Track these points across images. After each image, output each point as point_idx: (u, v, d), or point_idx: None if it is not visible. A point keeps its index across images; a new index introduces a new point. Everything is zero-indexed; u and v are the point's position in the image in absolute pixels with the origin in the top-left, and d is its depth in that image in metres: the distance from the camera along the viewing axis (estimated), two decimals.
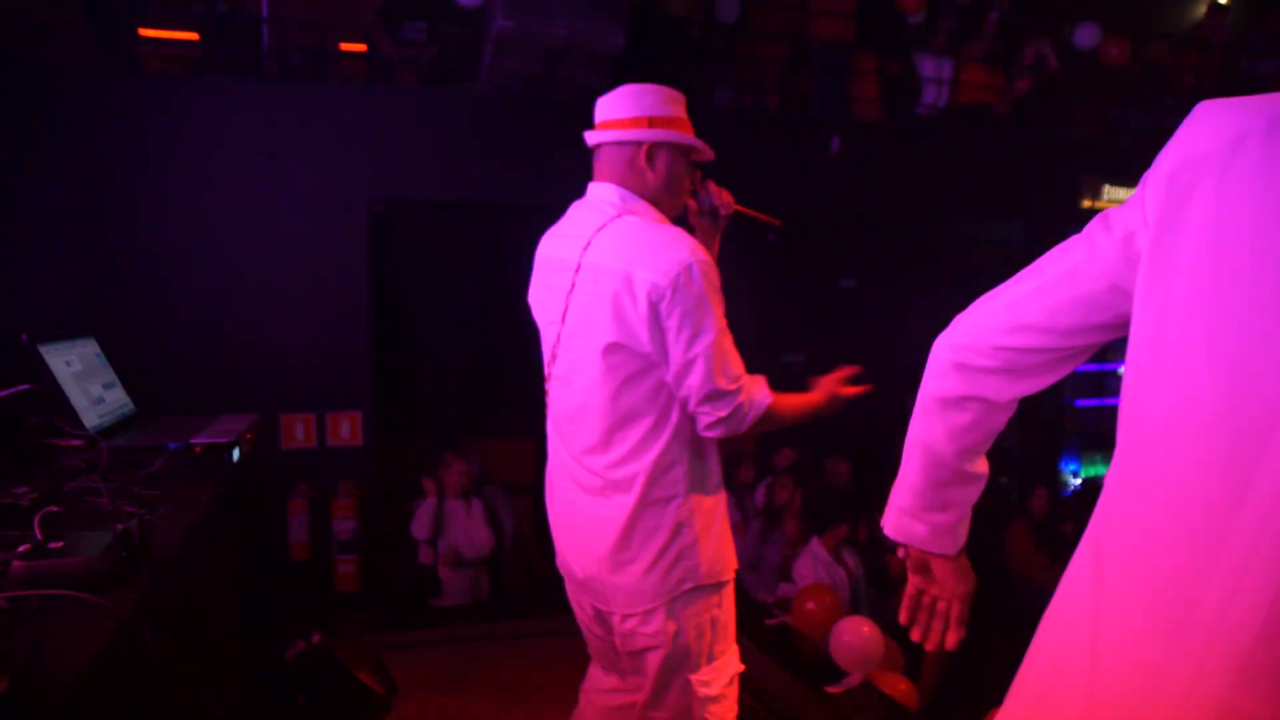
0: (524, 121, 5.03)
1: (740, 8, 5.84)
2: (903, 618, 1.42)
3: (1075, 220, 6.96)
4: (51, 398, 1.92)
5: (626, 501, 1.85)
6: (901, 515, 1.34)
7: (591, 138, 1.96)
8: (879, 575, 5.12)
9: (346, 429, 5.12)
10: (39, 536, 1.28)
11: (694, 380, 1.78)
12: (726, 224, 2.16)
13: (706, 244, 2.12)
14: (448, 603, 5.08)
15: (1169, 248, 0.92)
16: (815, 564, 4.60)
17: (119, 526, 1.27)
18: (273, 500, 4.83)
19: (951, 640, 1.39)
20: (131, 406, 2.28)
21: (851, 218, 6.73)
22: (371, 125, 4.95)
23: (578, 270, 1.86)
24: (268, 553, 4.56)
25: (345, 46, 5.69)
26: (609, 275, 1.80)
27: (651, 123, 1.90)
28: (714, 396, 1.79)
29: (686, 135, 1.91)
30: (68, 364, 2.00)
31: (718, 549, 1.92)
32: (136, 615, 1.07)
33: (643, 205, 1.93)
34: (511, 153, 5.08)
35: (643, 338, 1.78)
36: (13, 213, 4.35)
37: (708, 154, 1.97)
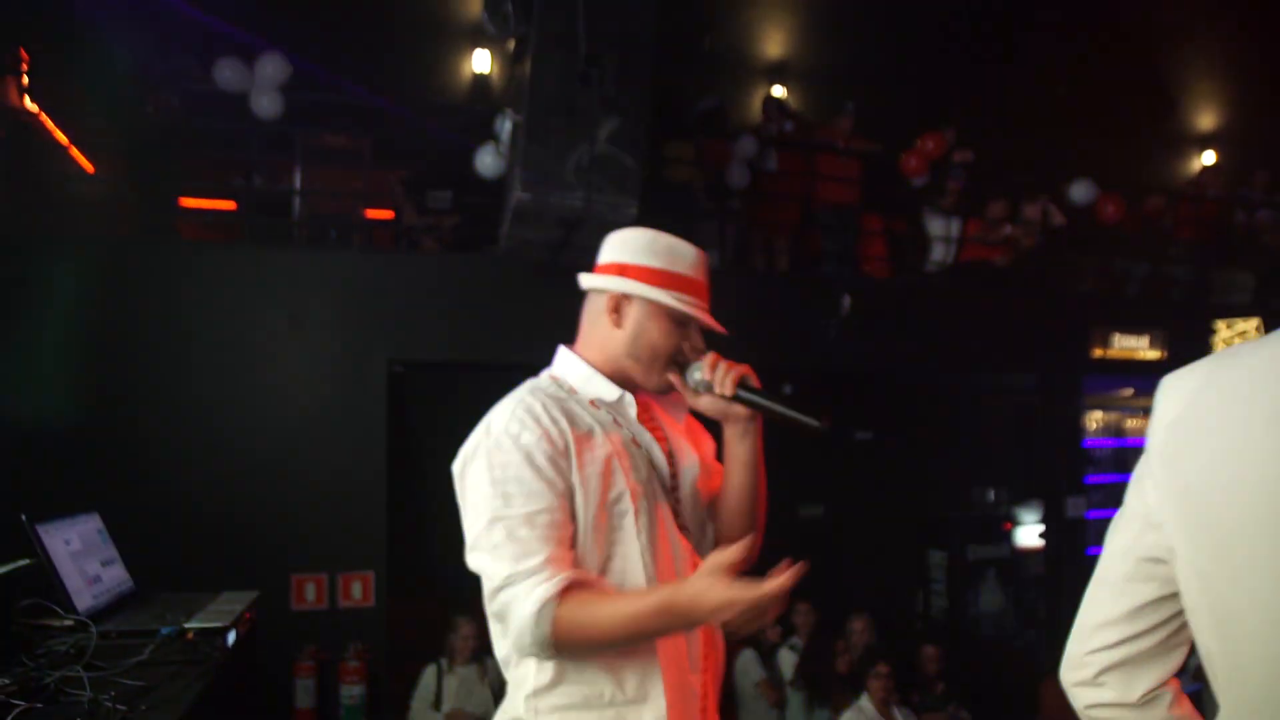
0: (541, 286, 5.16)
1: (750, 174, 6.10)
2: None
3: (1088, 370, 7.00)
4: (46, 578, 1.91)
5: None
6: None
7: (583, 281, 1.71)
8: None
9: (359, 590, 5.04)
10: None
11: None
12: (747, 413, 1.62)
13: (733, 438, 1.65)
14: None
15: (1180, 503, 1.02)
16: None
17: None
18: (279, 662, 4.71)
19: None
20: (130, 584, 2.26)
21: (866, 372, 6.77)
22: (394, 290, 5.12)
23: None
24: None
25: (372, 214, 5.97)
26: None
27: (623, 270, 1.61)
28: (496, 597, 1.44)
29: (660, 290, 1.59)
30: (67, 542, 2.01)
31: None
32: None
33: (578, 365, 1.66)
34: (528, 316, 5.20)
35: None
36: (31, 379, 4.45)
37: (706, 322, 1.64)
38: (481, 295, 5.24)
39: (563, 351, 1.72)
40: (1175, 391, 1.08)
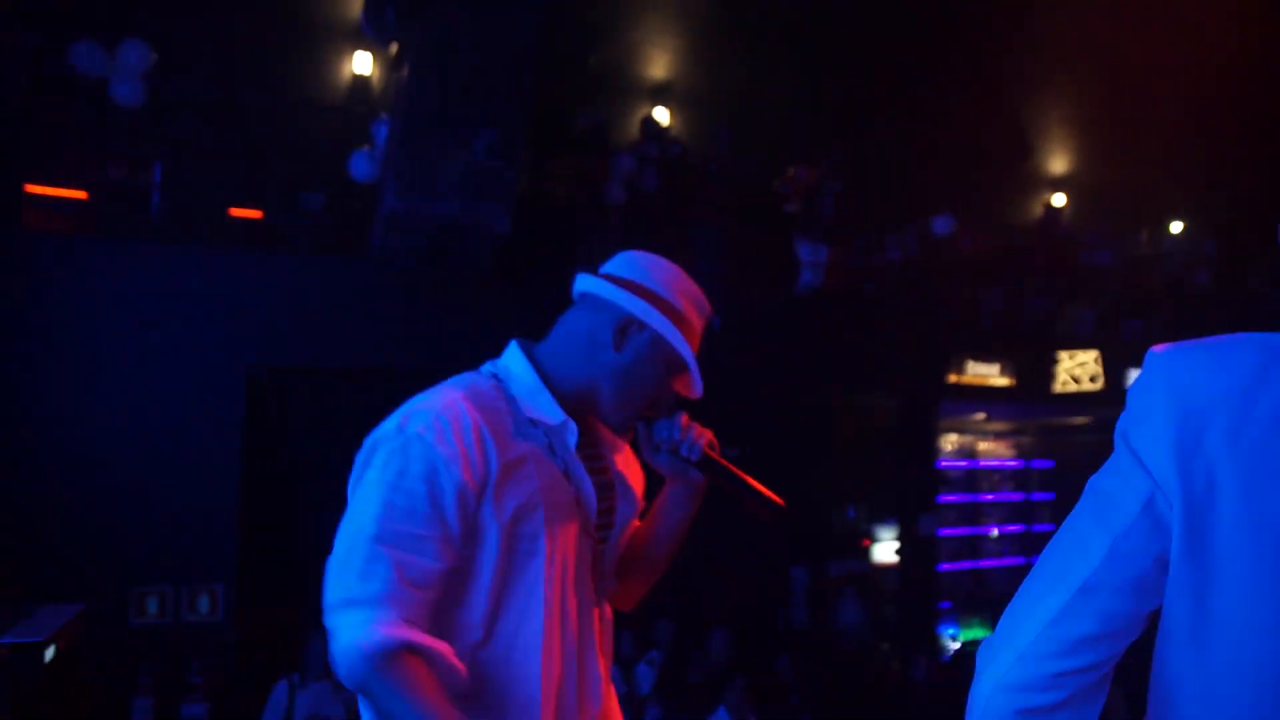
0: (413, 293, 5.11)
1: (627, 193, 6.19)
2: None
3: (944, 394, 7.38)
4: None
5: None
6: None
7: (580, 282, 1.53)
8: None
9: (206, 603, 4.83)
10: None
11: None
12: (702, 480, 1.57)
13: (677, 500, 1.62)
14: None
15: (1198, 505, 0.85)
16: None
17: None
18: (115, 680, 4.46)
19: None
20: None
21: (734, 390, 6.97)
22: (258, 292, 4.96)
23: None
24: None
25: (238, 213, 5.74)
26: None
27: (647, 296, 1.46)
28: (331, 609, 1.30)
29: (679, 336, 1.46)
30: None
31: None
32: None
33: (527, 373, 1.46)
34: (399, 322, 5.13)
35: None
36: None
37: (692, 389, 1.54)
38: (349, 300, 5.13)
39: (515, 351, 1.50)
40: (1200, 372, 0.87)
